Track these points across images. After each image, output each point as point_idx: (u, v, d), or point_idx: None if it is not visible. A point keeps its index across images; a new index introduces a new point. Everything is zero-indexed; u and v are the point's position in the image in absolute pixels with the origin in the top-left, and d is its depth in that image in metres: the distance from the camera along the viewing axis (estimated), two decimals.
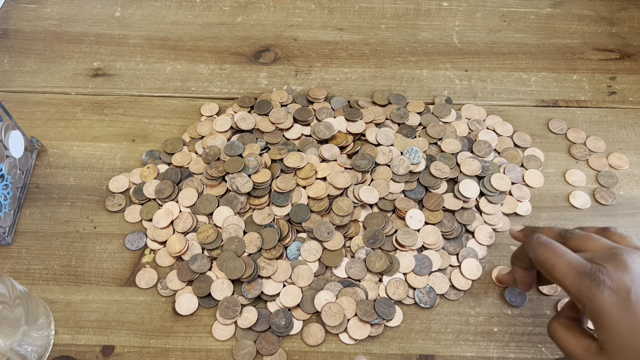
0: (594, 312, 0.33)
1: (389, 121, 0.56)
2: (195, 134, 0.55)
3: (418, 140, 0.54)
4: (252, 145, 0.53)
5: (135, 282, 0.47)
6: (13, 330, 0.39)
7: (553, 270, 0.35)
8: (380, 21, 0.66)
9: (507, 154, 0.54)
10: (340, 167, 0.51)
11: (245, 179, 0.50)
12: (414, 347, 0.44)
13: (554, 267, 0.35)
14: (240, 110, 0.57)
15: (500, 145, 0.55)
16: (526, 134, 0.56)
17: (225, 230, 0.48)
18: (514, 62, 0.62)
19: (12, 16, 0.66)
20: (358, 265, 0.47)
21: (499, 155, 0.54)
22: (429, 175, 0.51)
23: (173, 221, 0.49)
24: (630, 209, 0.51)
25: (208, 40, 0.64)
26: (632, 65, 0.62)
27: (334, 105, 0.57)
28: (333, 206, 0.49)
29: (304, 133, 0.55)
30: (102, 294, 0.47)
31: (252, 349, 0.43)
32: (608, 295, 0.32)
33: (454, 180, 0.52)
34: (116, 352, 0.44)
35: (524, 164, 0.54)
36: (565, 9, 0.67)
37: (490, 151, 0.53)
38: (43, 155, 0.55)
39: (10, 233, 0.49)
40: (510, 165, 0.53)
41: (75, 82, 0.60)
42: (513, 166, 0.53)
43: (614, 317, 0.32)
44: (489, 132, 0.55)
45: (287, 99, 0.58)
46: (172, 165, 0.53)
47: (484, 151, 0.53)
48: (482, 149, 0.54)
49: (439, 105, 0.57)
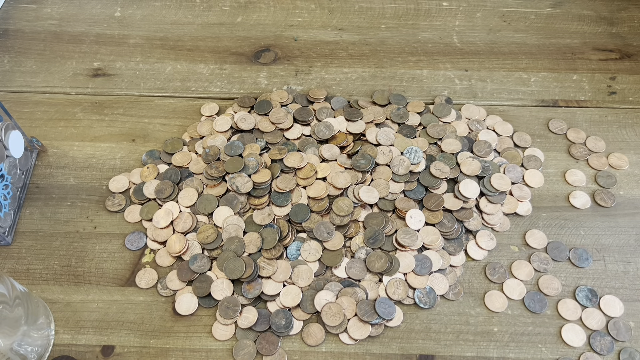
0: None
1: (389, 121, 0.56)
2: (195, 133, 0.55)
3: (418, 140, 0.54)
4: (252, 145, 0.53)
5: (135, 282, 0.47)
6: (13, 330, 0.39)
7: None
8: (380, 21, 0.66)
9: (507, 154, 0.54)
10: (340, 167, 0.51)
11: (245, 179, 0.50)
12: (414, 347, 0.44)
13: None
14: (240, 110, 0.57)
15: (500, 145, 0.55)
16: (526, 134, 0.56)
17: (225, 230, 0.48)
18: (514, 62, 0.62)
19: (12, 16, 0.66)
20: (358, 265, 0.47)
21: (499, 155, 0.54)
22: (429, 175, 0.51)
23: (173, 221, 0.49)
24: (631, 209, 0.51)
25: (208, 40, 0.64)
26: (632, 65, 0.62)
27: (334, 105, 0.57)
28: (333, 206, 0.49)
29: (304, 133, 0.55)
30: (102, 294, 0.47)
31: (252, 349, 0.43)
32: None
33: (454, 180, 0.52)
34: (116, 352, 0.44)
35: (524, 164, 0.54)
36: (565, 9, 0.67)
37: (490, 151, 0.53)
38: (43, 155, 0.55)
39: (10, 233, 0.49)
40: (511, 165, 0.53)
41: (75, 82, 0.60)
42: (513, 166, 0.53)
43: None
44: (489, 132, 0.55)
45: (287, 99, 0.58)
46: (172, 165, 0.53)
47: (484, 151, 0.53)
48: (482, 149, 0.54)
49: (439, 105, 0.57)
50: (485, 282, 0.47)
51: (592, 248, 0.49)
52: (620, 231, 0.50)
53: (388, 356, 0.44)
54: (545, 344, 0.44)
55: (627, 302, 0.46)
